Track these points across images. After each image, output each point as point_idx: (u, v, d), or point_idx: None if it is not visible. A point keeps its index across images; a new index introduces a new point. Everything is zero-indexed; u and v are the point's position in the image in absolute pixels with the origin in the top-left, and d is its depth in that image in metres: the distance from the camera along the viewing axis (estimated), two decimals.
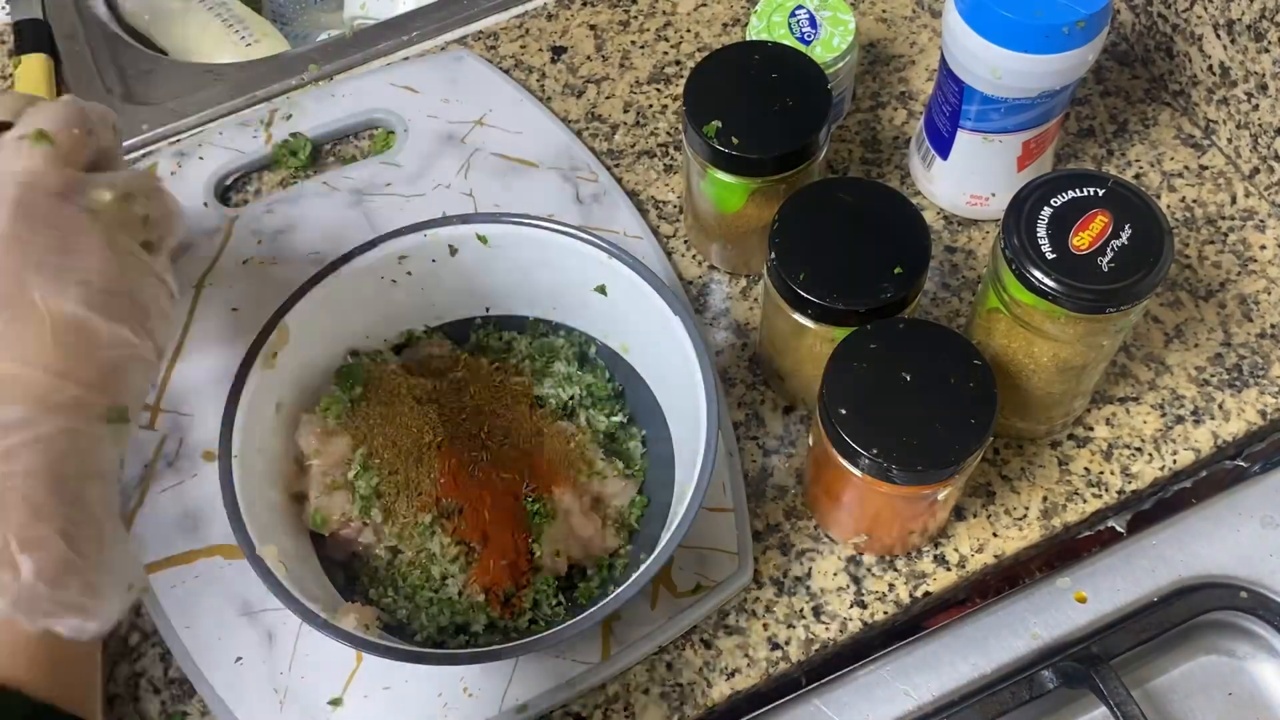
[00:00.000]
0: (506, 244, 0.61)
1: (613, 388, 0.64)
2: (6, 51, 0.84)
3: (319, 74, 0.81)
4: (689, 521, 0.52)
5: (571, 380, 0.63)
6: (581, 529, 0.58)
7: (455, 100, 0.79)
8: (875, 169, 0.76)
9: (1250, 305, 0.69)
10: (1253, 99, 0.70)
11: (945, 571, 0.62)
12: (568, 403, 0.63)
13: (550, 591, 0.58)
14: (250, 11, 0.92)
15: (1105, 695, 0.57)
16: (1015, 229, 0.54)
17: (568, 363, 0.64)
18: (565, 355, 0.64)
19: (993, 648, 0.60)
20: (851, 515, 0.59)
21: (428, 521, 0.57)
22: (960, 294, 0.71)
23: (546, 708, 0.58)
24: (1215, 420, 0.66)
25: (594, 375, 0.64)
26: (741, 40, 0.71)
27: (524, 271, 0.63)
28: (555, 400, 0.63)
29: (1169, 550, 0.63)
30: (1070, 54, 0.60)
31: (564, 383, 0.63)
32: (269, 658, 0.59)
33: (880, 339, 0.55)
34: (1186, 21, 0.73)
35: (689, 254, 0.73)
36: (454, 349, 0.65)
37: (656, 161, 0.77)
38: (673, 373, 0.58)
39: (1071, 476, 0.64)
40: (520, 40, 0.83)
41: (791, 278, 0.57)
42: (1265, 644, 0.62)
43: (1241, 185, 0.74)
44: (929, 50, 0.80)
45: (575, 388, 0.63)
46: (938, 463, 0.52)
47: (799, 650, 0.60)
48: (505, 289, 0.64)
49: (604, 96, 0.80)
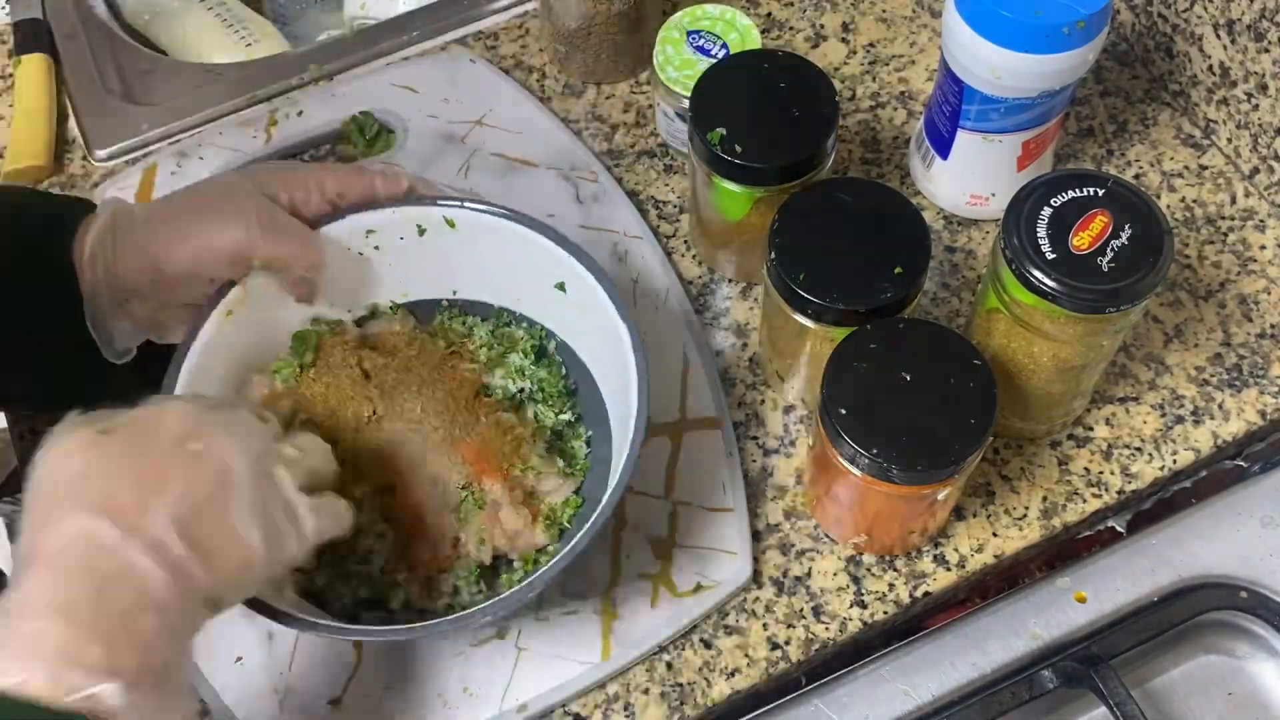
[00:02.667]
0: (472, 230, 0.62)
1: (565, 385, 0.64)
2: (6, 51, 0.84)
3: (319, 74, 0.81)
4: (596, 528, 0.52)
5: (524, 374, 0.63)
6: (509, 521, 0.58)
7: (455, 100, 0.79)
8: (875, 169, 0.76)
9: (1250, 305, 0.69)
10: (1253, 99, 0.70)
11: (945, 571, 0.62)
12: (517, 395, 0.63)
13: (471, 579, 0.58)
14: (250, 11, 0.92)
15: (1105, 695, 0.57)
16: (1015, 229, 0.54)
17: (524, 355, 0.64)
18: (523, 348, 0.64)
19: (993, 648, 0.60)
20: (851, 515, 0.59)
21: (358, 495, 0.57)
22: (960, 294, 0.71)
23: (546, 708, 0.58)
24: (1215, 420, 0.66)
25: (548, 371, 0.64)
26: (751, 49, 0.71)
27: (490, 259, 0.63)
28: (503, 391, 0.63)
29: (1169, 550, 0.63)
30: (1070, 54, 0.60)
31: (516, 375, 0.63)
32: (269, 657, 0.59)
33: (880, 339, 0.55)
34: (1186, 21, 0.73)
35: (689, 254, 0.73)
36: (415, 328, 0.65)
37: (656, 161, 0.77)
38: (615, 377, 0.58)
39: (1071, 476, 0.64)
40: (520, 40, 0.83)
41: (791, 278, 0.57)
42: (1265, 644, 0.62)
43: (1241, 185, 0.74)
44: (929, 50, 0.80)
45: (526, 381, 0.63)
46: (938, 463, 0.52)
47: (799, 650, 0.60)
48: (472, 275, 0.65)
49: (604, 96, 0.80)
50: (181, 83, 0.82)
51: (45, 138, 0.78)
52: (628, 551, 0.62)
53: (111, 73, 0.82)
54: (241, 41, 0.88)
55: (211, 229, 0.55)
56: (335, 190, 0.59)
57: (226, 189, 0.57)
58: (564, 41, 0.78)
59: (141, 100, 0.81)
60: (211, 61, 0.85)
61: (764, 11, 0.83)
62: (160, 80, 0.82)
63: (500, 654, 0.59)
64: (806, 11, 0.83)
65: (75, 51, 0.83)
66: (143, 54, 0.85)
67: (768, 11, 0.83)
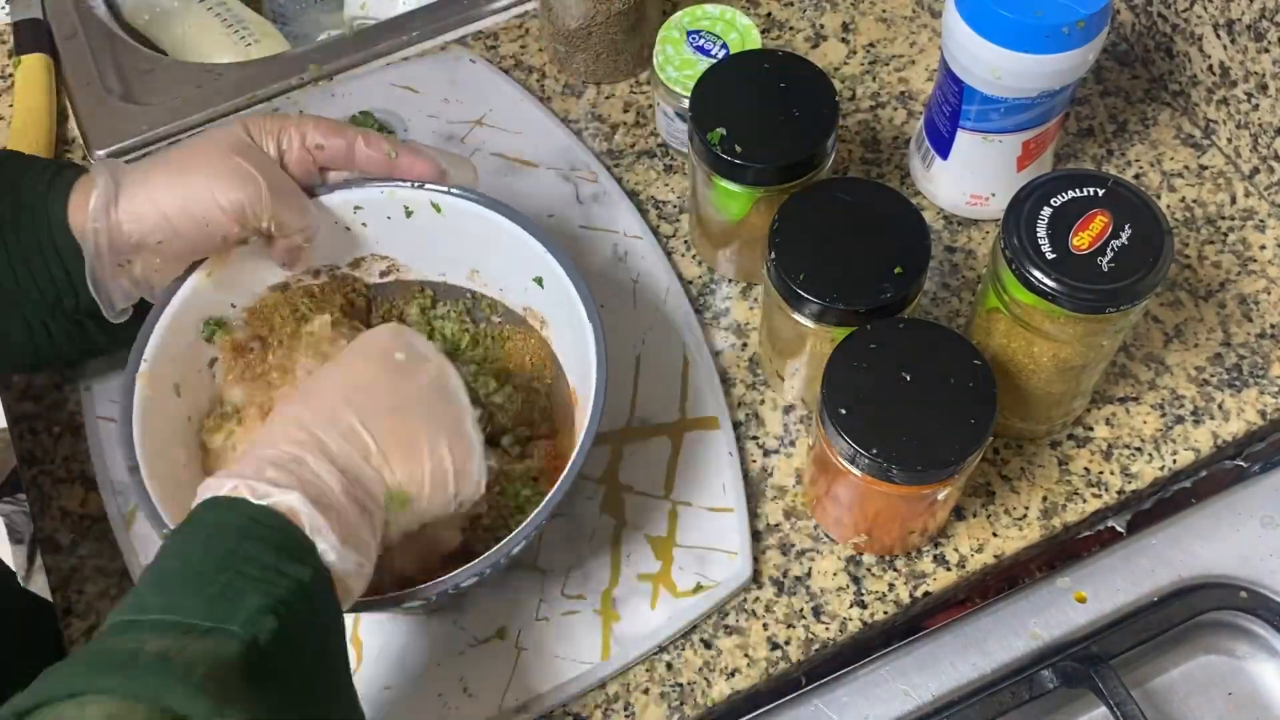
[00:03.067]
0: (458, 216, 0.62)
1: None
2: (6, 51, 0.84)
3: (319, 74, 0.81)
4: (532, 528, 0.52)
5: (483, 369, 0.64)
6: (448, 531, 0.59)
7: (455, 100, 0.79)
8: (875, 169, 0.76)
9: (1250, 305, 0.69)
10: (1253, 99, 0.70)
11: (945, 571, 0.62)
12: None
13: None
14: (250, 11, 0.92)
15: (1105, 695, 0.57)
16: (1015, 229, 0.54)
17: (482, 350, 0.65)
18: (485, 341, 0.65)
19: (993, 648, 0.60)
20: (851, 515, 0.59)
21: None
22: (960, 294, 0.71)
23: (546, 708, 0.58)
24: (1215, 420, 0.66)
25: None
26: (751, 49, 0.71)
27: (475, 248, 0.63)
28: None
29: (1169, 550, 0.63)
30: (1070, 54, 0.60)
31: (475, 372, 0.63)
32: None
33: (880, 339, 0.55)
34: (1186, 21, 0.73)
35: (689, 254, 0.73)
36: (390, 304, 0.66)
37: (656, 161, 0.77)
38: (584, 376, 0.59)
39: (1071, 476, 0.65)
40: (520, 40, 0.83)
41: (791, 278, 0.57)
42: (1265, 644, 0.62)
43: (1241, 185, 0.74)
44: (929, 50, 0.80)
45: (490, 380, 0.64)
46: (938, 463, 0.52)
47: (799, 650, 0.60)
48: (457, 261, 0.65)
49: (604, 96, 0.80)
50: (181, 83, 0.82)
51: (45, 138, 0.78)
52: (628, 551, 0.62)
53: (111, 73, 0.82)
54: (241, 41, 0.88)
55: (219, 187, 0.56)
56: (316, 140, 0.59)
57: (220, 151, 0.57)
58: (564, 41, 0.78)
59: (141, 100, 0.81)
60: (211, 61, 0.85)
61: (764, 11, 0.83)
62: (160, 80, 0.82)
63: (500, 654, 0.59)
64: (806, 11, 0.83)
65: (75, 51, 0.83)
66: (143, 54, 0.85)
67: (768, 11, 0.83)
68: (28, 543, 1.18)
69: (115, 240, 0.56)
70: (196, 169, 0.56)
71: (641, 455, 0.65)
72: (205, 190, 0.55)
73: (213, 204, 0.55)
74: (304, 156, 0.59)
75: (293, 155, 0.59)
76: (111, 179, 0.56)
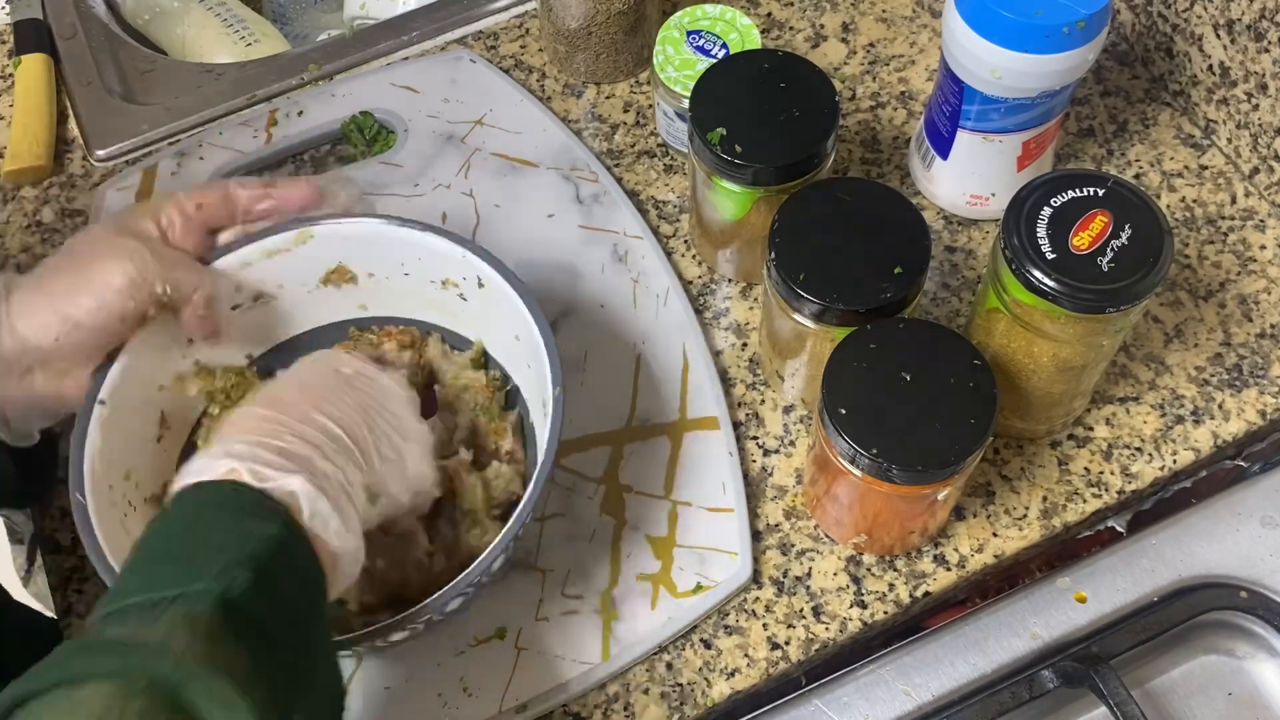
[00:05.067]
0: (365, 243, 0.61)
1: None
2: (7, 51, 0.84)
3: (319, 74, 0.81)
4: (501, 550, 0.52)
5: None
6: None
7: (455, 100, 0.79)
8: (875, 169, 0.76)
9: (1250, 305, 0.69)
10: (1253, 99, 0.70)
11: (945, 571, 0.62)
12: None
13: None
14: (250, 11, 0.92)
15: (1105, 695, 0.57)
16: (1015, 229, 0.54)
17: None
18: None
19: (992, 648, 0.60)
20: (851, 515, 0.59)
21: None
22: (960, 294, 0.71)
23: (546, 708, 0.58)
24: (1215, 420, 0.66)
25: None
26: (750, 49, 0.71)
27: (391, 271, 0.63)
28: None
29: (1169, 550, 0.63)
30: (1070, 54, 0.60)
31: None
32: None
33: (880, 339, 0.55)
34: (1186, 21, 0.73)
35: (689, 254, 0.73)
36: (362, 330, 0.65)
37: (656, 161, 0.77)
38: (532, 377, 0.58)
39: (1071, 476, 0.65)
40: (520, 40, 0.83)
41: (791, 278, 0.57)
42: (1265, 644, 0.62)
43: (1241, 185, 0.74)
44: (929, 50, 0.80)
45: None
46: (938, 463, 0.52)
47: (799, 650, 0.60)
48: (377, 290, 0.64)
49: (604, 96, 0.80)
50: (181, 83, 0.82)
51: (45, 138, 0.78)
52: (628, 551, 0.62)
53: (111, 73, 0.82)
54: (241, 41, 0.88)
55: (107, 267, 0.55)
56: (191, 206, 0.59)
57: (102, 237, 0.57)
58: (564, 41, 0.78)
59: (141, 100, 0.81)
60: (211, 61, 0.85)
61: (764, 11, 0.83)
62: (160, 80, 0.82)
63: (500, 654, 0.59)
64: (806, 11, 0.83)
65: (75, 51, 0.83)
66: (142, 54, 0.85)
67: (768, 11, 0.83)
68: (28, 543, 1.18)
69: (12, 348, 0.54)
70: (81, 254, 0.56)
71: (641, 455, 0.65)
72: (94, 271, 0.55)
73: (103, 283, 0.55)
74: (187, 226, 0.59)
75: (176, 231, 0.58)
76: (2, 287, 0.55)
